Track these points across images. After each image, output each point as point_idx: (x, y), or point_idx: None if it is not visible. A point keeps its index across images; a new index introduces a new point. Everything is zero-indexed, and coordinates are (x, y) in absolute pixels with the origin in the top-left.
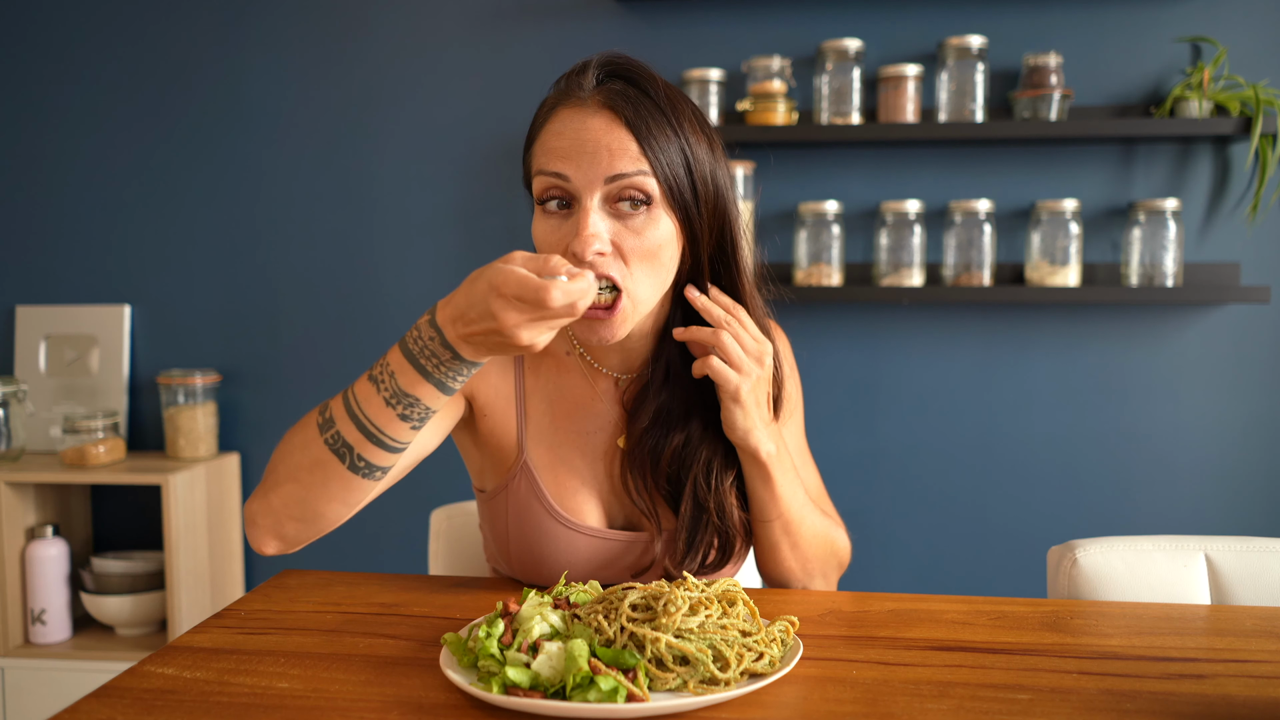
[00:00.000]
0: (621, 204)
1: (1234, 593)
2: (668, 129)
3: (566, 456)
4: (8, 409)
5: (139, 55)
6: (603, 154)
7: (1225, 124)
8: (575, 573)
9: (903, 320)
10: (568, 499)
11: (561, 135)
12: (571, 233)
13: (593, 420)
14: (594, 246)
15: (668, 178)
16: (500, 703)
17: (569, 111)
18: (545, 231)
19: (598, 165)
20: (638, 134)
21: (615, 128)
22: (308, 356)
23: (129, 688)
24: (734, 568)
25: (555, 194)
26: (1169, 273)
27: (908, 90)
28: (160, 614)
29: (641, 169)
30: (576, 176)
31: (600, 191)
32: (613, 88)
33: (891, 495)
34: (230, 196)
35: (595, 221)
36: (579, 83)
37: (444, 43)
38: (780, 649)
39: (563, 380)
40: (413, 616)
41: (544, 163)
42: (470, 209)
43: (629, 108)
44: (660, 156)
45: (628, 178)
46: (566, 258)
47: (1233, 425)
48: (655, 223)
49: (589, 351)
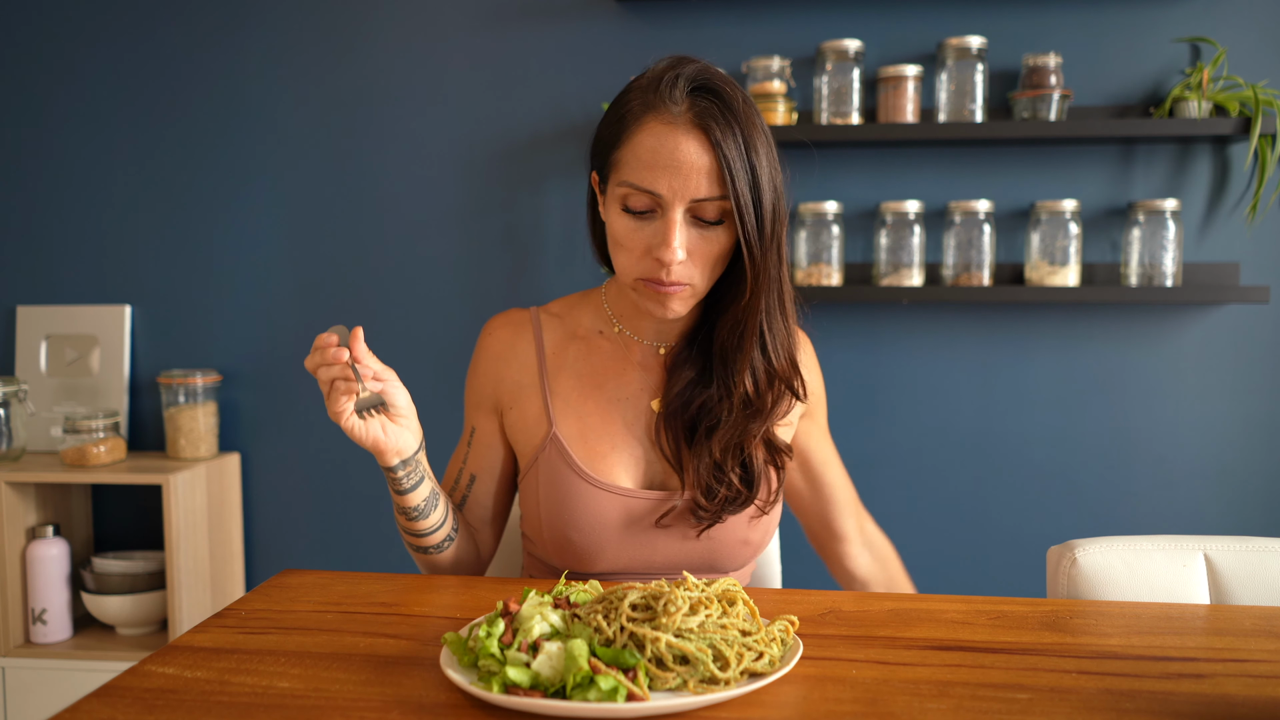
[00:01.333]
0: (696, 219)
1: (1233, 592)
2: (747, 152)
3: (597, 424)
4: (8, 409)
5: (139, 55)
6: (693, 176)
7: (1224, 124)
8: (608, 533)
9: (902, 320)
10: (598, 463)
11: (656, 153)
12: (655, 237)
13: (626, 387)
14: (679, 257)
15: (739, 201)
16: (500, 702)
17: (661, 127)
18: (629, 230)
19: (688, 186)
20: (721, 160)
21: (705, 152)
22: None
23: (130, 687)
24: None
25: (642, 204)
26: (1168, 273)
27: (907, 90)
28: (161, 614)
29: (722, 194)
30: (668, 193)
31: (685, 207)
32: (702, 105)
33: (891, 495)
34: (231, 196)
35: (680, 234)
36: (671, 96)
37: (444, 43)
38: (780, 648)
39: (593, 357)
40: (413, 616)
41: (637, 177)
42: (471, 209)
43: (718, 131)
44: (736, 183)
45: (711, 201)
46: (649, 259)
47: (1232, 425)
48: (723, 234)
49: (627, 325)
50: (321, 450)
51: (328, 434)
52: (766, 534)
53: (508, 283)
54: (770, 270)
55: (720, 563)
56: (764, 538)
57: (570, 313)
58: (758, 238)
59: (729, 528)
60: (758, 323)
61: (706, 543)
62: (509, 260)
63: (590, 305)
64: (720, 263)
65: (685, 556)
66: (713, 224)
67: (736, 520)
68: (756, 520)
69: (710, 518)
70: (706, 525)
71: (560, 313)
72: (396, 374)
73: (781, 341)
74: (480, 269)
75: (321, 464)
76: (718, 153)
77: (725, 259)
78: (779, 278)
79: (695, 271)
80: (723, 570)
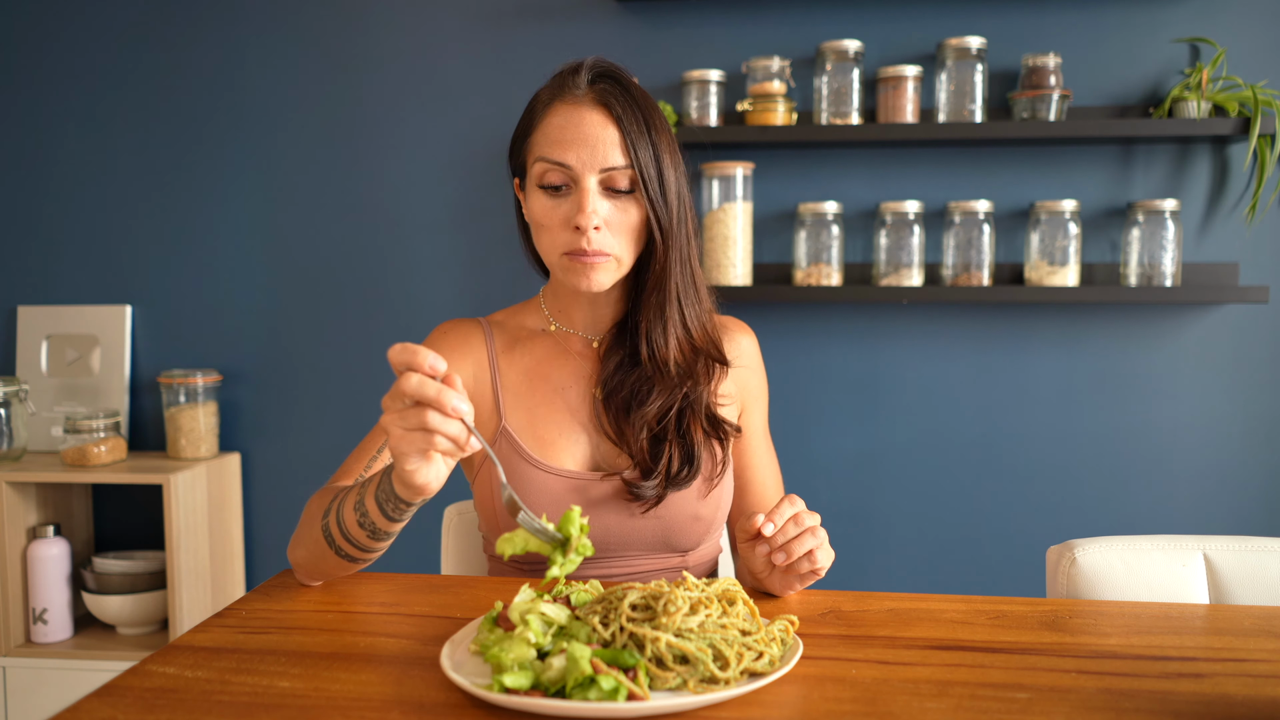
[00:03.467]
0: (608, 190)
1: (1232, 592)
2: (648, 130)
3: (544, 414)
4: (9, 409)
5: (140, 55)
6: (600, 146)
7: (1224, 124)
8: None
9: (902, 320)
10: (546, 449)
11: (564, 128)
12: (572, 210)
13: (568, 376)
14: (594, 221)
15: (643, 170)
16: (501, 702)
17: (567, 107)
18: (547, 209)
19: (595, 155)
20: (624, 132)
21: (609, 124)
22: (308, 356)
23: (130, 687)
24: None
25: (556, 179)
26: (1168, 273)
27: (907, 91)
28: (161, 613)
29: (628, 163)
30: (577, 164)
31: (596, 177)
32: (602, 86)
33: (891, 495)
34: (231, 196)
35: (594, 200)
36: (574, 81)
37: (444, 43)
38: (780, 648)
39: (537, 352)
40: (413, 616)
41: (547, 151)
42: (470, 209)
43: (618, 107)
44: (639, 153)
45: (618, 169)
46: (568, 231)
47: (1231, 425)
48: (634, 206)
49: (563, 321)
50: (321, 450)
51: (328, 434)
52: (719, 508)
53: (507, 283)
54: (679, 242)
55: (675, 540)
56: (715, 512)
57: (512, 319)
58: (663, 204)
59: (677, 503)
60: (673, 291)
61: (656, 521)
62: (509, 260)
63: (530, 310)
64: (638, 236)
65: (638, 535)
66: (624, 193)
67: (684, 496)
68: (704, 496)
69: (654, 494)
70: (653, 504)
71: (503, 320)
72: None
73: (697, 315)
74: (480, 269)
75: (321, 464)
76: (620, 125)
77: (642, 232)
78: (689, 257)
79: (614, 241)
80: (680, 549)
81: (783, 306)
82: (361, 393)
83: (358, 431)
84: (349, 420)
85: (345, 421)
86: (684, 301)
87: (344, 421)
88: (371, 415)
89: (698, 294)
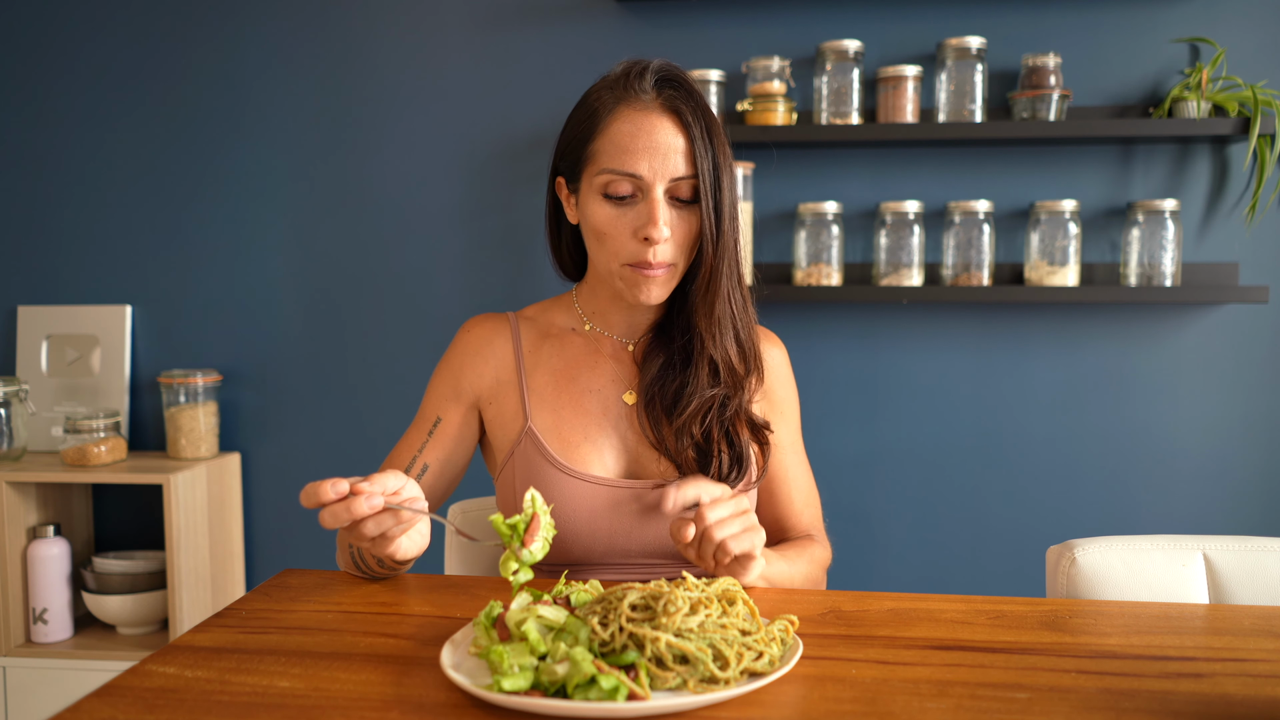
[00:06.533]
0: (672, 199)
1: (1232, 592)
2: (710, 138)
3: (571, 416)
4: (9, 409)
5: (140, 55)
6: (670, 155)
7: (1223, 124)
8: (582, 521)
9: (902, 320)
10: (572, 452)
11: (635, 136)
12: (640, 219)
13: (597, 379)
14: (665, 234)
15: (707, 179)
16: (501, 702)
17: (635, 113)
18: (611, 218)
19: (666, 165)
20: (691, 140)
21: (679, 133)
22: (308, 356)
23: (130, 687)
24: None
25: (625, 189)
26: (1167, 273)
27: (907, 91)
28: (161, 613)
29: (693, 173)
30: (649, 174)
31: (664, 186)
32: (669, 92)
33: (891, 495)
34: (231, 197)
35: (663, 211)
36: (640, 85)
37: (444, 43)
38: (780, 648)
39: (566, 352)
40: (413, 616)
41: (618, 162)
42: (471, 209)
43: (688, 113)
44: (703, 164)
45: (683, 179)
46: (635, 242)
47: (1231, 425)
48: (693, 215)
49: (598, 323)
50: (321, 450)
51: (328, 434)
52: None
53: (508, 283)
54: (731, 248)
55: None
56: None
57: (543, 315)
58: (722, 213)
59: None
60: (724, 296)
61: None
62: (509, 260)
63: (562, 306)
64: (694, 244)
65: (661, 544)
66: (687, 203)
67: None
68: None
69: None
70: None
71: (534, 315)
72: (397, 474)
73: (745, 321)
74: (480, 269)
75: (321, 464)
76: (689, 134)
77: (697, 239)
78: (737, 263)
79: (677, 251)
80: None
81: (783, 306)
82: (361, 393)
83: (357, 431)
84: (349, 420)
85: (345, 421)
86: (734, 306)
87: (344, 421)
88: (371, 415)
89: (744, 300)
